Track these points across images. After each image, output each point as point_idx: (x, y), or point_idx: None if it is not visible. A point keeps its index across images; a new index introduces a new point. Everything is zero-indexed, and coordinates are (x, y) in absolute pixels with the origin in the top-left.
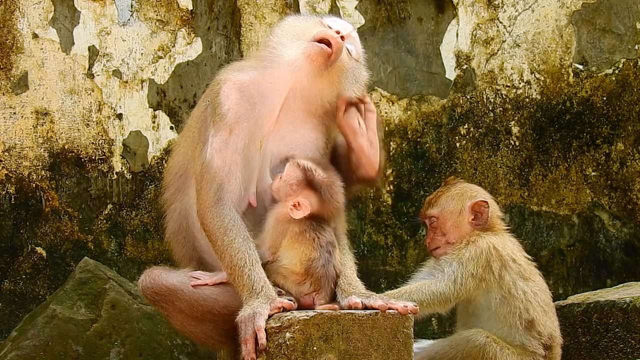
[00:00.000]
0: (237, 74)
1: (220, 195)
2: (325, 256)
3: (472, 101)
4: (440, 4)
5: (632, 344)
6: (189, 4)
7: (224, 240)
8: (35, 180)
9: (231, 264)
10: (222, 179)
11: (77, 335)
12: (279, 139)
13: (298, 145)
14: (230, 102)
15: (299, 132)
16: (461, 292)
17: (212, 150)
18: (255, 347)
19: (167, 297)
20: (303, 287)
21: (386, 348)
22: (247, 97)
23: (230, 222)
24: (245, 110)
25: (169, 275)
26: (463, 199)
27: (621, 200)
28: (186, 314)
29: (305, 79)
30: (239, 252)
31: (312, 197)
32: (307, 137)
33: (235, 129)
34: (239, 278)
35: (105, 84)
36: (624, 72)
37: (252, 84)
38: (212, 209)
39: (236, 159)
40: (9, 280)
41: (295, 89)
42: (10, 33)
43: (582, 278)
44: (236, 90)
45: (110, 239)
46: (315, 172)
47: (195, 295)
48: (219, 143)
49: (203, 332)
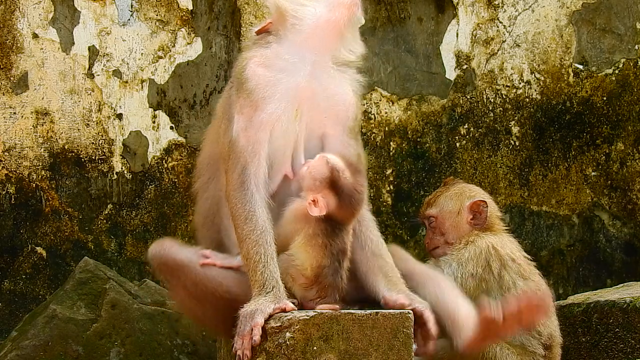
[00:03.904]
0: (261, 50)
1: (243, 178)
2: (335, 265)
3: (472, 101)
4: (440, 4)
5: (632, 344)
6: (189, 4)
7: (244, 229)
8: (35, 180)
9: (247, 256)
10: (245, 159)
11: (77, 335)
12: (314, 107)
13: (333, 112)
14: (257, 78)
15: (331, 92)
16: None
17: (238, 129)
18: (250, 344)
19: (173, 270)
20: (309, 292)
21: (386, 348)
22: (274, 71)
23: (252, 209)
24: (272, 84)
25: (179, 250)
26: (462, 199)
27: (621, 200)
28: (189, 291)
29: (332, 34)
30: (256, 245)
31: (331, 199)
32: (340, 98)
33: (261, 105)
34: (253, 272)
35: (105, 84)
36: (624, 72)
37: (278, 55)
38: (235, 192)
39: (261, 137)
40: (9, 280)
41: (323, 47)
42: (10, 33)
43: (582, 278)
44: (262, 65)
45: (110, 239)
46: (342, 174)
47: (201, 275)
48: (244, 121)
49: (202, 313)
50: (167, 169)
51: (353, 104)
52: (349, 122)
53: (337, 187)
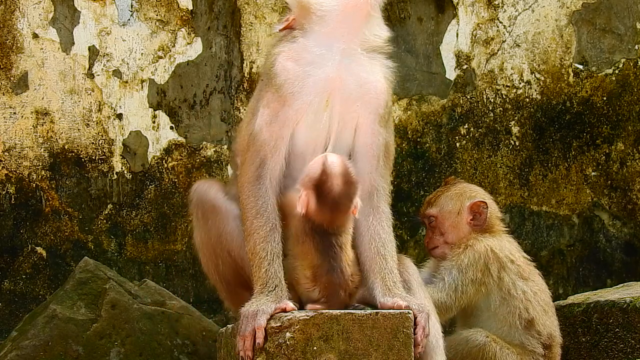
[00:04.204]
0: (289, 44)
1: (260, 172)
2: (328, 263)
3: (472, 101)
4: (440, 4)
5: (632, 344)
6: (189, 4)
7: (253, 223)
8: (35, 180)
9: (254, 251)
10: (265, 153)
11: (77, 335)
12: (345, 96)
13: (364, 100)
14: (287, 73)
15: (362, 80)
16: (462, 299)
17: (262, 122)
18: (252, 345)
19: (206, 212)
20: (313, 293)
21: (386, 348)
22: (303, 64)
23: (264, 205)
24: (302, 78)
25: (223, 198)
26: (462, 199)
27: (621, 200)
28: (209, 237)
29: (358, 19)
30: (264, 242)
31: (312, 200)
32: (371, 85)
33: (289, 100)
34: (257, 269)
35: (105, 84)
36: (624, 72)
37: (306, 48)
38: (250, 185)
39: (284, 133)
40: (9, 280)
41: (350, 34)
42: (10, 33)
43: (582, 278)
44: (291, 60)
45: (110, 239)
46: (331, 180)
47: (227, 229)
48: (270, 115)
49: (214, 266)
50: (167, 169)
51: (384, 90)
52: (380, 110)
53: (322, 190)
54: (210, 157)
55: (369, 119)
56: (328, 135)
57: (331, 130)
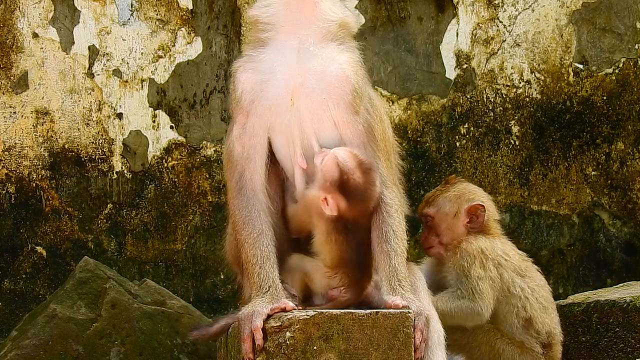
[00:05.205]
0: (246, 58)
1: (241, 185)
2: (357, 258)
3: (472, 101)
4: (440, 3)
5: (632, 344)
6: (189, 4)
7: (242, 233)
8: (36, 179)
9: (246, 259)
10: (242, 166)
11: (77, 334)
12: (309, 91)
13: (329, 91)
14: (243, 84)
15: (322, 71)
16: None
17: (233, 138)
18: (252, 346)
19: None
20: (333, 280)
21: (386, 347)
22: (260, 72)
23: (248, 215)
24: (260, 86)
25: None
26: (460, 202)
27: (621, 200)
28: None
29: (305, 10)
30: (253, 248)
31: (341, 201)
32: (333, 75)
33: (251, 109)
34: (250, 274)
35: (105, 84)
36: (624, 71)
37: (261, 57)
38: (234, 199)
39: (255, 142)
40: (9, 280)
41: (301, 28)
42: (10, 32)
43: (582, 277)
44: (247, 71)
45: (110, 238)
46: (352, 176)
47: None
48: (238, 129)
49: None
50: (167, 168)
51: (348, 76)
52: (346, 97)
53: (347, 188)
54: (210, 157)
55: (340, 109)
56: (302, 133)
57: (304, 128)
